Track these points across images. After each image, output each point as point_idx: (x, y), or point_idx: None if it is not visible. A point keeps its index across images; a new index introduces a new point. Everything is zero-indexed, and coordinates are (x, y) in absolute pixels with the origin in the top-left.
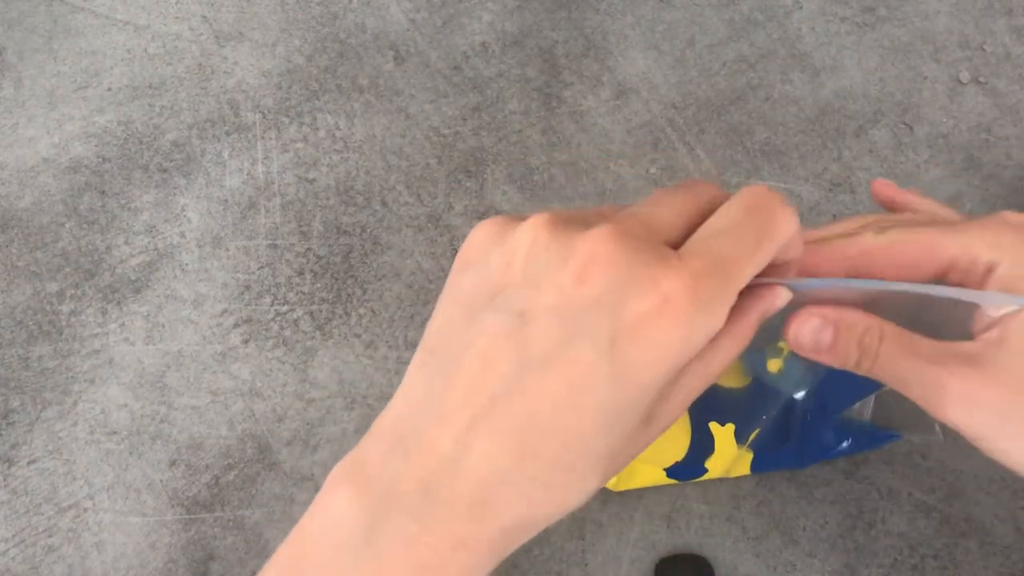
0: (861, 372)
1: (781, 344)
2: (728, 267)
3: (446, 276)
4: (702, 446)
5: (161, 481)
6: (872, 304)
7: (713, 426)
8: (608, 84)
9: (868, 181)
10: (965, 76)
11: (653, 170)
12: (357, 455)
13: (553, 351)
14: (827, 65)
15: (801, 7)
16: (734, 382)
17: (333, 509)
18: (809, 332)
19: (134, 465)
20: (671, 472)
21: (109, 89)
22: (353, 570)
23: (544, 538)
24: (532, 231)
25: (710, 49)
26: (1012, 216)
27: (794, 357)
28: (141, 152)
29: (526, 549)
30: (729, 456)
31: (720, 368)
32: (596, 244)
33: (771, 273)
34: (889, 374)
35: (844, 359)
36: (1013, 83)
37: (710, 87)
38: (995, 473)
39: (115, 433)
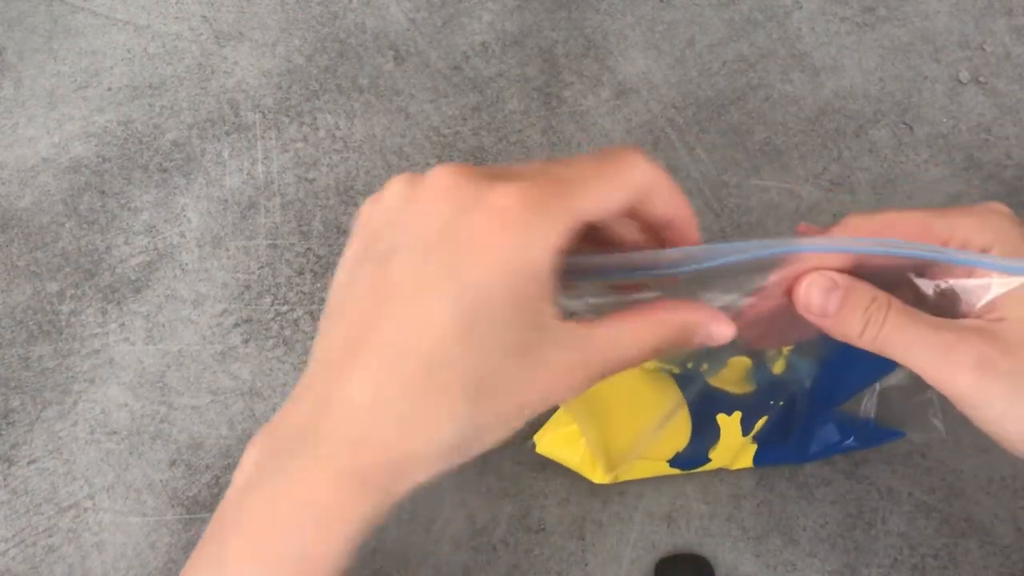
0: (862, 343)
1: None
2: (562, 185)
3: None
4: (706, 436)
5: (161, 481)
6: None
7: (720, 417)
8: (608, 84)
9: (868, 181)
10: (965, 76)
11: None
12: (272, 418)
13: (406, 279)
14: (827, 65)
15: (801, 7)
16: (740, 388)
17: (242, 464)
18: (819, 293)
19: (134, 465)
20: (673, 462)
21: (109, 89)
22: (246, 513)
23: (544, 538)
24: (392, 186)
25: (710, 49)
26: (996, 205)
27: (794, 354)
28: (141, 152)
29: (526, 549)
30: (734, 445)
31: (618, 361)
32: (435, 179)
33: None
34: (894, 343)
35: (847, 327)
36: (1013, 83)
37: (710, 87)
38: (995, 473)
39: (115, 433)
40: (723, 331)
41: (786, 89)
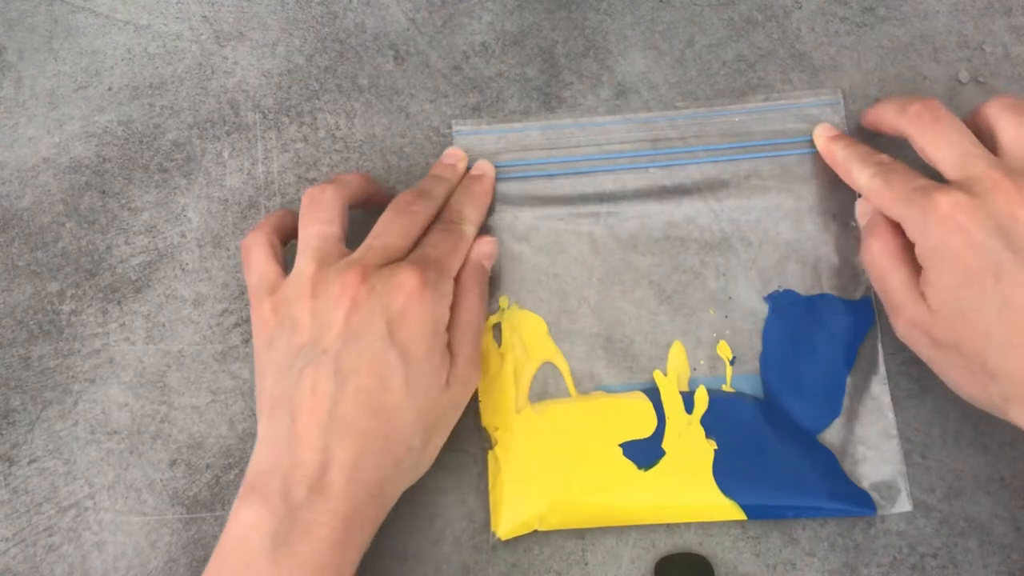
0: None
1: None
2: (439, 260)
3: None
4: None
5: (161, 480)
6: None
7: (657, 375)
8: (608, 84)
9: None
10: (964, 76)
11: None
12: (249, 484)
13: (356, 360)
14: (826, 65)
15: (801, 7)
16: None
17: (243, 526)
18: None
19: (134, 464)
20: (627, 449)
21: (110, 89)
22: (272, 567)
23: (544, 538)
24: (305, 300)
25: (710, 49)
26: (944, 198)
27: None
28: (141, 152)
29: (526, 548)
30: (681, 425)
31: (474, 315)
32: (354, 284)
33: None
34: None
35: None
36: (1012, 83)
37: (710, 87)
38: (995, 473)
39: (115, 433)
40: (484, 247)
41: (785, 89)
